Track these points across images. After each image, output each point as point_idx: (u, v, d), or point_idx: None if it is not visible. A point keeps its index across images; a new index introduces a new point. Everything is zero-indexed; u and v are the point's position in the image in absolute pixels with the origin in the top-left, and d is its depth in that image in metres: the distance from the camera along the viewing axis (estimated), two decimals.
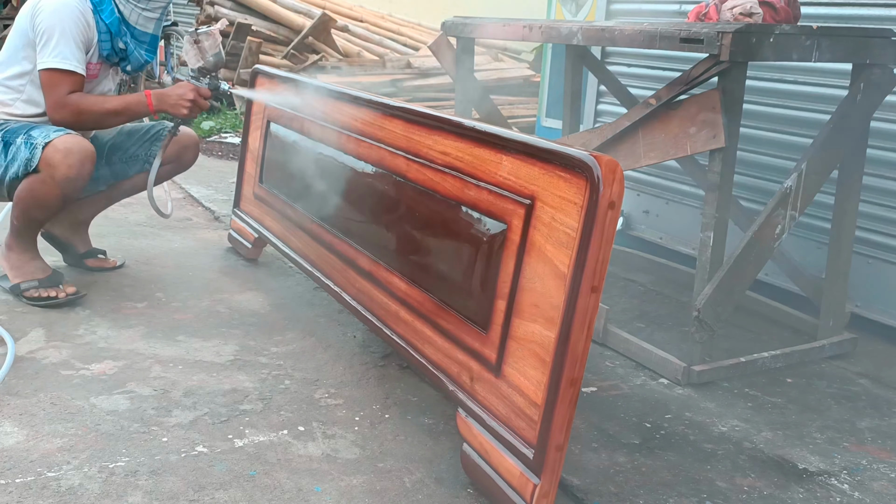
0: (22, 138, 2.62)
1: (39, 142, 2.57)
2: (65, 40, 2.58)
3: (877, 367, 2.55)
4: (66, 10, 2.59)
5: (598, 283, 1.51)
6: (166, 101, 2.73)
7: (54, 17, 2.58)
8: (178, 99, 2.73)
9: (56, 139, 2.57)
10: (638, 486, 1.82)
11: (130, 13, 2.71)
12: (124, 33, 2.72)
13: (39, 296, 2.69)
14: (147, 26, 2.77)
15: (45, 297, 2.69)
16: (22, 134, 2.63)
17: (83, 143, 2.62)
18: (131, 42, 2.75)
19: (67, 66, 2.59)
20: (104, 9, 2.66)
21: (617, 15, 3.67)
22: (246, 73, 5.73)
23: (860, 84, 2.37)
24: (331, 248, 2.50)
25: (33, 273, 2.73)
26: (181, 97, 2.73)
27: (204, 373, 2.24)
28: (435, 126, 2.02)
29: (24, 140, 2.61)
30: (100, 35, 2.68)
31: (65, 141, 2.57)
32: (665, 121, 2.35)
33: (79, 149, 2.59)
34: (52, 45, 2.58)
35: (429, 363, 1.95)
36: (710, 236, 2.30)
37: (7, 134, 2.65)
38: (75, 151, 2.57)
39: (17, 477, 1.70)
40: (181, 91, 2.73)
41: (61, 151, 2.55)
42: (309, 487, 1.74)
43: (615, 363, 2.48)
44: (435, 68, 5.57)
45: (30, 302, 2.68)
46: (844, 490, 1.86)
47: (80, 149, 2.59)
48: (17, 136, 2.63)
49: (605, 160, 1.50)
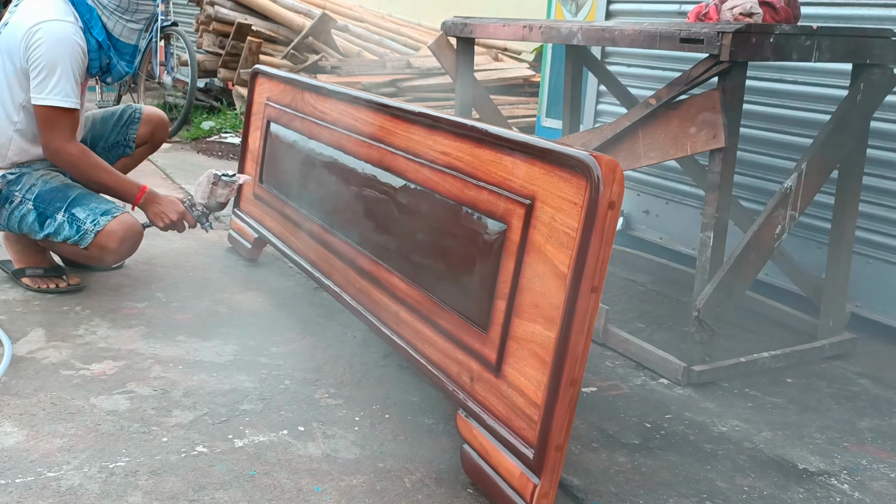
0: (63, 216, 2.63)
1: (89, 228, 2.61)
2: (66, 77, 2.57)
3: (877, 367, 2.55)
4: (67, 45, 2.58)
5: (598, 283, 1.51)
6: (151, 208, 2.77)
7: (55, 52, 2.56)
8: (161, 212, 2.76)
9: (108, 227, 2.61)
10: (638, 486, 1.82)
11: (115, 25, 2.71)
12: (109, 48, 2.73)
13: (37, 286, 2.75)
14: (131, 38, 2.78)
15: (46, 287, 2.75)
16: (62, 210, 2.63)
17: (134, 227, 2.67)
18: (115, 56, 2.76)
19: (69, 104, 2.60)
20: (94, 25, 2.66)
21: (617, 15, 3.67)
22: (246, 72, 5.73)
23: (860, 84, 2.37)
24: (331, 248, 2.50)
25: (38, 262, 2.80)
26: (165, 212, 2.76)
27: (204, 373, 2.24)
28: (435, 126, 2.02)
29: (68, 220, 2.62)
30: (90, 54, 2.68)
31: (117, 229, 2.62)
32: (665, 121, 2.35)
33: (131, 236, 2.66)
34: (54, 82, 2.56)
35: (429, 363, 1.95)
36: (710, 236, 2.30)
37: (39, 203, 2.66)
38: (128, 240, 2.66)
39: (17, 477, 1.71)
40: (172, 208, 2.77)
41: (116, 242, 2.62)
42: (309, 487, 1.74)
43: (615, 363, 2.48)
44: (435, 68, 5.57)
45: (28, 288, 2.73)
46: (844, 490, 1.86)
47: (132, 236, 2.66)
48: (54, 209, 2.64)
49: (605, 160, 1.50)
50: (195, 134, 5.94)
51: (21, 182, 2.68)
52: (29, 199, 2.66)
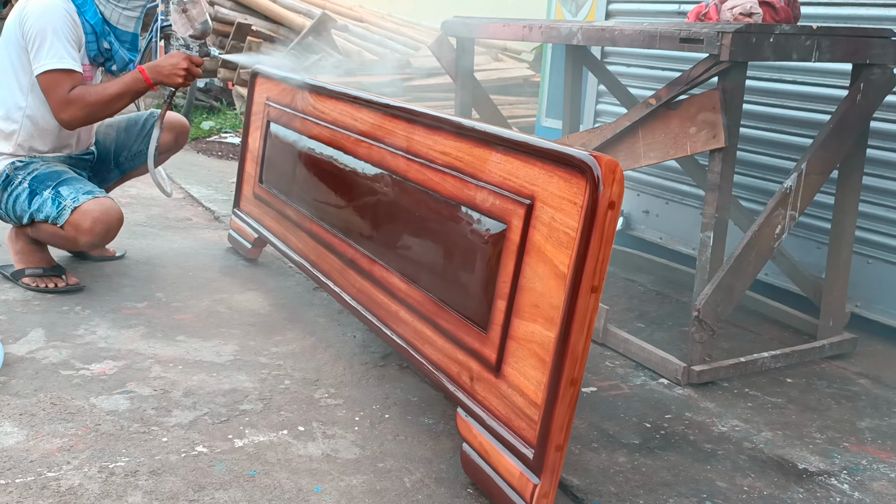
0: (50, 192, 2.65)
1: (68, 204, 2.62)
2: (58, 40, 2.61)
3: (877, 367, 2.55)
4: (55, 12, 2.61)
5: (598, 283, 1.51)
6: (161, 73, 2.74)
7: (43, 20, 2.60)
8: (172, 69, 2.74)
9: (85, 205, 2.61)
10: (638, 486, 1.82)
11: (111, 13, 2.75)
12: (107, 33, 2.76)
13: (37, 285, 2.77)
14: (128, 25, 2.81)
15: (45, 287, 2.76)
16: (50, 187, 2.66)
17: (111, 211, 2.66)
18: (115, 42, 2.79)
19: (66, 65, 2.62)
20: (87, 9, 2.69)
21: (617, 15, 3.67)
22: (246, 73, 5.73)
23: (860, 84, 2.37)
24: (331, 248, 2.50)
25: (38, 262, 2.82)
26: (175, 66, 2.74)
27: (204, 373, 2.24)
28: (435, 126, 2.02)
29: (52, 196, 2.64)
30: (86, 36, 2.71)
31: (93, 209, 2.61)
32: (665, 121, 2.35)
33: (106, 218, 2.64)
34: (47, 47, 2.60)
35: (429, 363, 1.95)
36: (710, 236, 2.30)
37: (34, 182, 2.69)
38: (102, 221, 2.63)
39: (17, 477, 1.70)
40: (174, 61, 2.75)
41: (89, 220, 2.60)
42: (309, 487, 1.74)
43: (615, 363, 2.48)
44: (435, 68, 5.56)
45: (27, 288, 2.76)
46: (844, 490, 1.86)
47: (107, 218, 2.64)
48: (45, 187, 2.67)
49: (605, 160, 1.50)
50: (195, 134, 5.94)
51: (28, 167, 2.73)
52: (27, 179, 2.71)
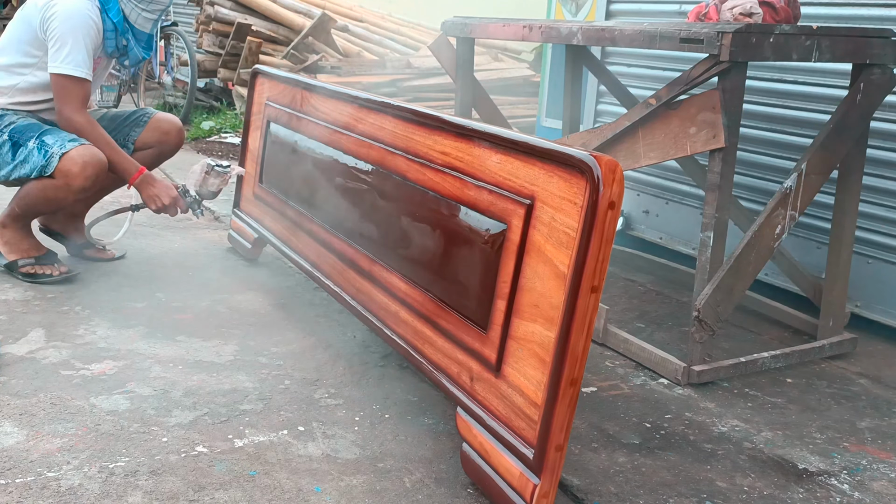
0: (34, 143, 2.73)
1: (56, 151, 2.69)
2: (78, 48, 2.73)
3: (877, 367, 2.55)
4: (81, 18, 2.73)
5: (598, 283, 1.51)
6: (146, 189, 2.86)
7: (68, 24, 2.71)
8: (154, 195, 2.86)
9: (73, 151, 2.70)
10: (638, 486, 1.82)
11: (131, 12, 2.86)
12: (126, 31, 2.87)
13: (34, 272, 2.84)
14: (145, 26, 2.92)
15: (41, 273, 2.84)
16: (34, 137, 2.74)
17: (98, 156, 2.75)
18: (132, 40, 2.90)
19: (79, 73, 2.75)
20: (111, 7, 2.81)
21: (617, 15, 3.67)
22: (246, 73, 5.73)
23: (860, 84, 2.37)
24: (330, 248, 2.50)
25: (28, 251, 2.89)
26: (158, 196, 2.86)
27: (204, 373, 2.24)
28: (435, 126, 2.02)
29: (38, 145, 2.72)
30: (106, 33, 2.83)
31: (81, 153, 2.69)
32: (665, 121, 2.35)
33: (95, 161, 2.72)
34: (67, 51, 2.72)
35: (429, 363, 1.95)
36: (710, 236, 2.30)
37: (15, 133, 2.77)
38: (92, 164, 2.71)
39: (17, 477, 1.71)
40: (163, 192, 2.86)
41: (79, 164, 2.68)
42: (309, 487, 1.74)
43: (615, 363, 2.48)
44: (435, 68, 5.56)
45: (24, 278, 2.83)
46: (844, 490, 1.86)
47: (95, 161, 2.72)
48: (27, 138, 2.75)
49: (605, 160, 1.50)
50: (195, 134, 5.94)
51: (5, 120, 2.81)
52: (5, 131, 2.78)
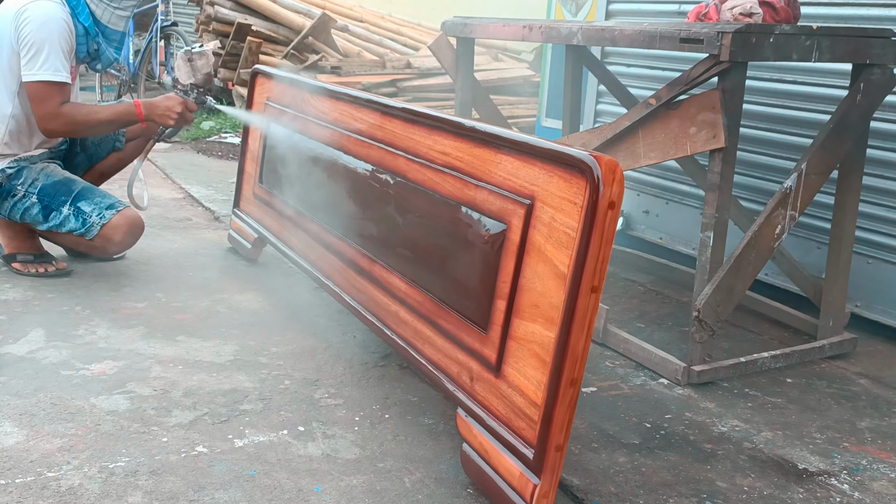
0: (68, 209, 2.78)
1: (95, 221, 2.78)
2: (55, 53, 2.69)
3: (877, 367, 2.55)
4: (55, 23, 2.69)
5: (598, 283, 1.51)
6: (154, 112, 2.85)
7: (44, 31, 2.67)
8: (166, 110, 2.85)
9: (113, 220, 2.78)
10: (638, 486, 1.82)
11: (103, 13, 2.82)
12: (97, 34, 2.84)
13: (27, 270, 2.88)
14: (118, 25, 2.90)
15: (35, 272, 2.88)
16: (66, 203, 2.78)
17: (137, 222, 2.86)
18: (103, 42, 2.88)
19: (59, 77, 2.71)
20: (80, 11, 2.77)
21: (617, 15, 3.67)
22: (246, 73, 5.73)
23: (860, 84, 2.37)
24: (331, 248, 2.50)
25: (29, 249, 2.92)
26: (170, 109, 2.85)
27: (204, 373, 2.24)
28: (435, 126, 2.02)
29: (73, 212, 2.78)
30: (78, 39, 2.79)
31: (122, 223, 2.80)
32: (665, 121, 2.35)
33: (135, 230, 2.86)
34: (43, 58, 2.67)
35: (429, 363, 1.95)
36: (710, 236, 2.30)
37: (43, 196, 2.79)
38: (132, 233, 2.85)
39: (17, 477, 1.71)
40: (170, 104, 2.85)
41: (120, 234, 2.81)
42: (309, 487, 1.74)
43: (615, 363, 2.48)
44: (435, 68, 5.56)
45: (18, 272, 2.87)
46: (844, 490, 1.86)
47: (136, 230, 2.86)
48: (59, 202, 2.79)
49: (605, 160, 1.50)
50: (195, 134, 5.93)
51: (22, 176, 2.79)
52: (32, 192, 2.78)
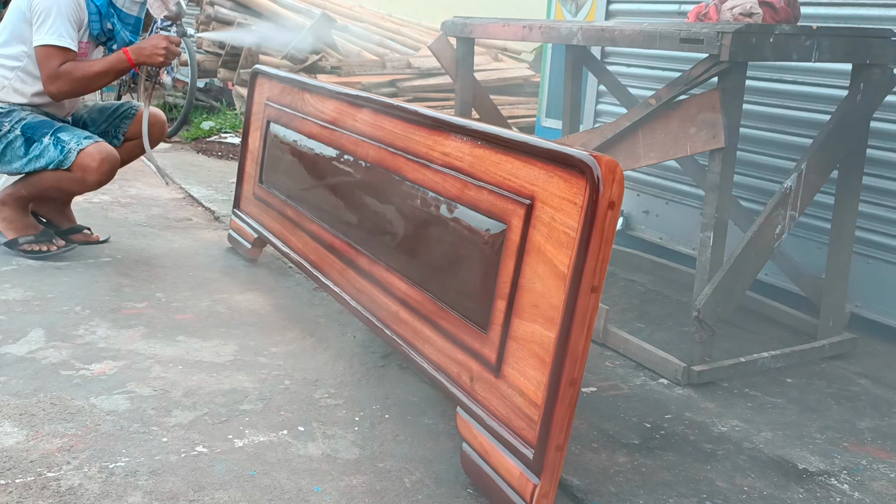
0: (49, 139, 2.92)
1: (73, 147, 2.90)
2: (60, 19, 2.88)
3: (877, 367, 2.55)
4: None
5: (598, 283, 1.51)
6: (143, 53, 3.01)
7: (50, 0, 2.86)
8: (153, 49, 3.01)
9: (90, 147, 2.90)
10: (638, 486, 1.82)
11: None
12: (112, 15, 3.01)
13: (34, 249, 3.03)
14: (132, 9, 3.07)
15: (40, 250, 3.03)
16: (48, 134, 2.94)
17: (113, 153, 2.96)
18: (118, 23, 3.04)
19: (62, 42, 2.90)
20: None
21: (617, 15, 3.67)
22: (246, 72, 5.73)
23: (860, 84, 2.37)
24: (331, 248, 2.50)
25: (26, 229, 3.07)
26: (155, 47, 3.01)
27: (204, 373, 2.24)
28: (435, 126, 2.02)
29: (53, 142, 2.92)
30: (90, 16, 2.98)
31: (99, 150, 2.92)
32: (665, 121, 2.35)
33: (111, 158, 2.95)
34: (49, 23, 2.87)
35: (428, 363, 1.95)
36: (710, 236, 2.30)
37: (27, 129, 2.95)
38: (108, 160, 2.93)
39: (17, 477, 1.71)
40: (154, 42, 3.01)
41: (97, 161, 2.90)
42: (309, 488, 1.74)
43: (615, 363, 2.48)
44: (435, 68, 5.57)
45: (26, 255, 3.02)
46: (844, 490, 1.86)
47: (112, 158, 2.95)
48: (42, 134, 2.94)
49: (605, 160, 1.50)
50: (195, 134, 5.93)
51: (11, 115, 2.97)
52: (17, 127, 2.95)
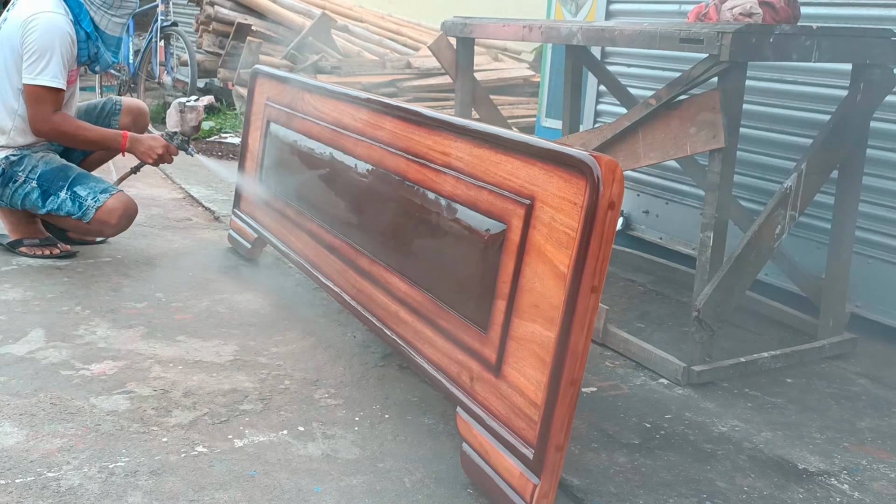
0: (66, 193, 2.95)
1: (91, 204, 2.93)
2: (55, 61, 2.89)
3: (877, 367, 2.55)
4: (59, 33, 2.90)
5: (598, 283, 1.51)
6: (138, 147, 3.06)
7: (47, 38, 2.88)
8: (148, 149, 3.06)
9: (109, 203, 2.93)
10: (638, 486, 1.82)
11: (101, 19, 3.02)
12: (97, 38, 3.04)
13: (36, 253, 3.05)
14: (115, 31, 3.10)
15: (42, 254, 3.06)
16: (64, 188, 2.96)
17: (131, 204, 3.00)
18: (102, 46, 3.07)
19: (56, 84, 2.92)
20: (83, 17, 2.98)
21: (617, 15, 3.67)
22: (246, 73, 5.73)
23: (860, 84, 2.37)
24: (330, 248, 2.50)
25: (33, 233, 3.10)
26: (152, 149, 3.07)
27: (204, 373, 2.24)
28: (435, 126, 2.02)
29: (70, 196, 2.94)
30: (79, 44, 2.99)
31: (116, 206, 2.95)
32: (665, 121, 2.35)
33: (129, 212, 3.00)
34: (44, 64, 2.88)
35: (429, 363, 1.95)
36: (710, 236, 2.30)
37: (43, 182, 2.98)
38: (126, 216, 2.99)
39: (17, 477, 1.71)
40: (154, 144, 3.07)
41: (115, 217, 2.95)
42: (309, 488, 1.74)
43: (615, 363, 2.48)
44: (435, 68, 5.57)
45: (28, 256, 3.04)
46: (844, 490, 1.86)
47: (129, 212, 3.00)
48: (58, 187, 2.97)
49: (605, 160, 1.50)
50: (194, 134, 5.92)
51: (23, 163, 2.97)
52: (32, 178, 2.97)
